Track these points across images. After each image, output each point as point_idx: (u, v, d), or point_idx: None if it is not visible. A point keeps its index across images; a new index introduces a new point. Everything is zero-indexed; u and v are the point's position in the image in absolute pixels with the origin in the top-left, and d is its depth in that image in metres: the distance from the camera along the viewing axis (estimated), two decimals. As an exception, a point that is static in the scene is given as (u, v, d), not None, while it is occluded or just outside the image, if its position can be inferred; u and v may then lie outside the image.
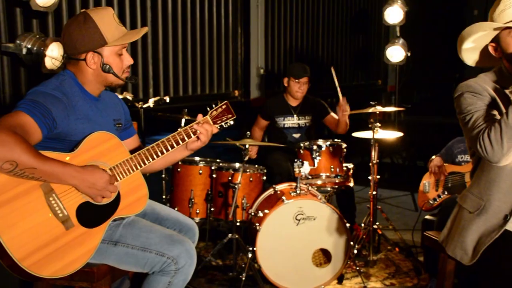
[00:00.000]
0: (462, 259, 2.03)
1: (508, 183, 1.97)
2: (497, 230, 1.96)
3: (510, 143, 1.81)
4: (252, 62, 5.25)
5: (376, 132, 3.91)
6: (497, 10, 1.95)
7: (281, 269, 3.46)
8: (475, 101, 1.95)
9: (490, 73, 2.06)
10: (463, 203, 2.10)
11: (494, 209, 1.99)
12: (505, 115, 1.83)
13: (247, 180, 3.81)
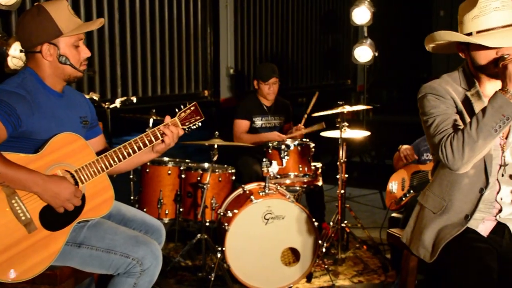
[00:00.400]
0: (425, 257, 2.07)
1: (469, 184, 2.00)
2: (458, 228, 2.00)
3: (471, 153, 1.84)
4: (222, 62, 5.25)
5: (344, 131, 3.96)
6: (470, 14, 1.93)
7: (250, 269, 3.47)
8: (438, 104, 1.97)
9: (453, 73, 2.08)
10: (424, 202, 2.14)
11: (455, 209, 2.03)
12: (468, 125, 1.85)
13: (216, 180, 3.81)
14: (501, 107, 1.80)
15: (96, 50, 4.23)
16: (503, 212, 2.02)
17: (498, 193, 2.01)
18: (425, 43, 2.11)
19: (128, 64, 4.45)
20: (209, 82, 5.21)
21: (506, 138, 2.00)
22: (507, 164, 2.00)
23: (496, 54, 1.90)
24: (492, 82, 1.98)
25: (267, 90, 4.34)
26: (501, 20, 1.89)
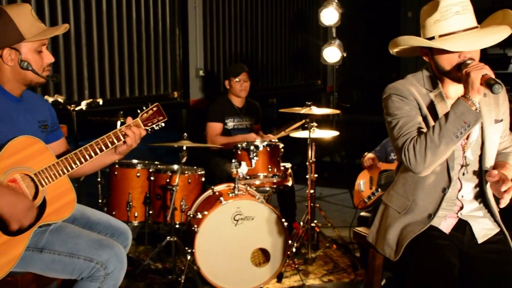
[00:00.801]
0: (390, 255, 2.09)
1: (432, 184, 2.03)
2: (421, 226, 2.03)
3: (433, 158, 1.87)
4: (191, 63, 5.23)
5: (313, 131, 3.98)
6: (431, 18, 1.94)
7: (220, 270, 3.46)
8: (402, 105, 1.99)
9: (417, 74, 2.10)
10: (389, 202, 2.17)
11: (419, 208, 2.05)
12: (431, 131, 1.87)
13: (185, 182, 3.79)
14: (463, 114, 1.82)
15: (62, 51, 4.16)
16: (464, 209, 2.06)
17: (460, 191, 2.05)
18: (389, 48, 2.13)
19: (95, 66, 4.39)
20: (178, 83, 5.18)
21: (467, 139, 2.04)
22: (469, 164, 2.03)
23: (459, 58, 1.92)
24: (455, 84, 2.01)
25: (239, 87, 4.35)
26: (462, 24, 1.91)
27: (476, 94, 1.83)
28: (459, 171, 2.03)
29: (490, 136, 2.03)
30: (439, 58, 1.96)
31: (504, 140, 2.19)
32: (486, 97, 2.03)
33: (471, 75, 1.82)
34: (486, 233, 2.06)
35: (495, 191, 1.98)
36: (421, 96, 2.01)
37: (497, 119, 2.05)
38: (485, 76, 1.81)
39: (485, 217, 2.09)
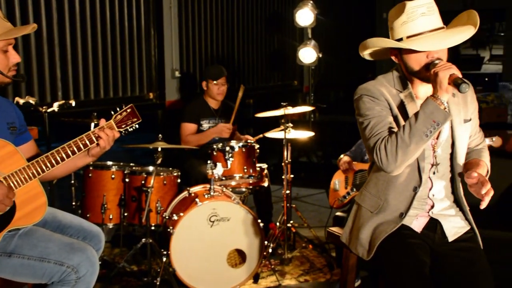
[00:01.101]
0: (362, 255, 2.11)
1: (404, 183, 2.06)
2: (393, 226, 2.06)
3: (404, 157, 1.90)
4: (167, 64, 5.19)
5: (289, 132, 3.99)
6: (399, 20, 1.98)
7: (196, 272, 3.45)
8: (373, 105, 2.02)
9: (388, 75, 2.13)
10: (361, 202, 2.19)
11: (391, 207, 2.08)
12: (401, 130, 1.90)
13: (160, 183, 3.77)
14: (432, 113, 1.85)
15: (34, 52, 4.09)
16: (435, 208, 2.09)
17: (431, 190, 2.08)
18: (360, 51, 2.15)
19: (68, 67, 4.32)
20: (154, 84, 5.13)
21: (437, 138, 2.06)
22: (439, 163, 2.06)
23: (427, 58, 1.95)
24: (424, 84, 2.04)
25: (217, 90, 4.34)
26: (429, 25, 1.94)
27: (444, 93, 1.86)
28: (430, 170, 2.06)
29: (460, 135, 2.06)
30: (408, 59, 1.99)
31: (475, 138, 2.23)
32: (455, 97, 2.07)
33: (439, 75, 1.85)
34: (456, 231, 2.09)
35: (475, 192, 2.00)
36: (391, 97, 2.03)
37: (466, 119, 2.09)
38: (452, 76, 1.85)
39: (456, 215, 2.12)
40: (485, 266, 2.01)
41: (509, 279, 3.33)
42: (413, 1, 1.95)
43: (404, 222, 2.07)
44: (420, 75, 2.00)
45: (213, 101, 4.43)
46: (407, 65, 2.01)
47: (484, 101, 7.42)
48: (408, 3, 1.96)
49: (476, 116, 2.17)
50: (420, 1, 1.95)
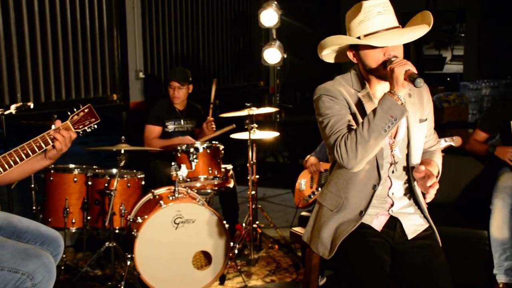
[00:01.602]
0: (323, 254, 2.13)
1: (363, 181, 2.09)
2: (353, 224, 2.08)
3: (364, 153, 1.92)
4: (130, 65, 5.12)
5: (253, 133, 3.99)
6: (356, 20, 2.01)
7: (161, 274, 3.41)
8: (332, 105, 2.04)
9: (346, 75, 2.16)
10: (322, 201, 2.20)
11: (351, 205, 2.10)
12: (360, 126, 1.93)
13: (124, 186, 3.73)
14: (390, 108, 1.88)
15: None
16: (395, 206, 2.12)
17: (390, 189, 2.11)
18: (319, 51, 2.18)
19: (28, 68, 4.21)
20: (117, 85, 5.06)
21: (394, 137, 2.10)
22: (397, 161, 2.10)
23: (384, 56, 1.99)
24: (381, 84, 2.07)
25: (172, 93, 4.32)
26: (385, 23, 1.98)
27: (401, 89, 1.90)
28: (389, 169, 2.09)
29: (416, 134, 2.10)
30: (366, 57, 2.03)
31: (430, 139, 2.28)
32: (411, 97, 2.10)
33: (395, 71, 1.89)
34: (415, 229, 2.12)
35: (421, 186, 2.06)
36: (350, 96, 2.06)
37: (422, 119, 2.13)
38: (408, 71, 1.89)
39: (415, 213, 2.16)
40: (443, 263, 2.05)
41: (466, 274, 3.42)
42: (370, 1, 1.99)
43: (365, 221, 2.10)
44: (377, 73, 2.03)
45: (177, 102, 4.39)
46: (365, 63, 2.05)
47: (446, 101, 7.56)
48: (365, 2, 2.00)
49: (431, 118, 2.22)
50: (376, 0, 1.99)
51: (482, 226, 3.29)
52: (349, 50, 2.10)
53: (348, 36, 2.06)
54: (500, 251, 3.18)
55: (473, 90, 7.97)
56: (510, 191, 3.28)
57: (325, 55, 2.22)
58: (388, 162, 2.08)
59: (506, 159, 3.38)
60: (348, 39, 2.04)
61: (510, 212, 3.21)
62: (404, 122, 2.09)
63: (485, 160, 3.71)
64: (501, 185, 3.35)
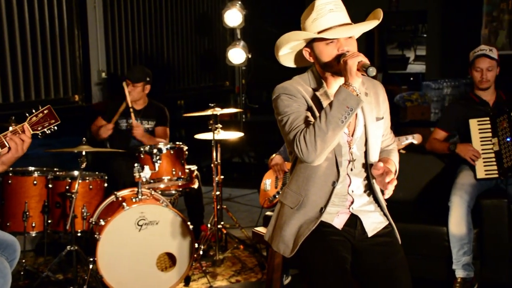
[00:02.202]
0: (284, 252, 2.14)
1: (322, 178, 2.11)
2: (314, 221, 2.10)
3: (323, 145, 1.95)
4: (93, 65, 5.05)
5: (218, 133, 3.98)
6: (310, 18, 2.07)
7: (125, 277, 3.38)
8: (291, 103, 2.07)
9: (303, 75, 2.19)
10: (283, 199, 2.22)
11: (311, 203, 2.12)
12: (318, 119, 1.96)
13: (86, 188, 3.66)
14: (345, 99, 1.93)
15: None
16: (355, 203, 2.15)
17: (350, 186, 2.14)
18: (276, 53, 2.20)
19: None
20: (79, 86, 4.98)
21: (352, 135, 2.13)
22: (355, 159, 2.13)
23: (338, 51, 2.04)
24: (337, 81, 2.11)
25: (128, 91, 4.27)
26: (337, 20, 2.04)
27: (355, 79, 1.95)
28: (347, 167, 2.12)
29: (373, 132, 2.14)
30: (320, 53, 2.07)
31: (386, 138, 2.32)
32: (368, 96, 2.14)
33: (348, 63, 1.94)
34: (375, 226, 2.16)
35: (380, 183, 2.10)
36: (308, 94, 2.10)
37: (378, 117, 2.18)
38: (360, 62, 1.94)
39: (375, 211, 2.19)
40: (402, 260, 2.09)
41: (427, 270, 3.49)
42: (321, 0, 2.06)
43: (326, 219, 2.12)
44: (332, 69, 2.08)
45: (136, 101, 4.34)
46: (320, 60, 2.09)
47: (409, 100, 7.69)
48: (317, 1, 2.06)
49: (387, 117, 2.26)
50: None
51: (441, 223, 3.36)
52: (305, 48, 2.13)
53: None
54: (458, 247, 3.25)
55: (435, 89, 8.12)
56: (467, 188, 3.37)
57: (284, 58, 2.24)
58: (346, 159, 2.11)
59: (467, 157, 3.46)
60: (301, 34, 2.08)
61: (468, 209, 3.29)
62: (362, 120, 2.13)
63: (445, 158, 3.78)
64: (459, 182, 3.43)
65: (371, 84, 2.20)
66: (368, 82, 2.18)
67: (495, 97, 3.60)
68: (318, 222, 2.09)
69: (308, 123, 2.02)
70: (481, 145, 3.45)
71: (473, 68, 3.55)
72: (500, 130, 3.40)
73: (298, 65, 2.29)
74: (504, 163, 3.36)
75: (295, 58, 2.25)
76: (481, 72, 3.51)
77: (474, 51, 3.58)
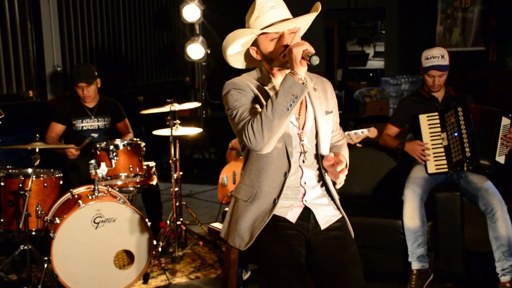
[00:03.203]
0: (239, 245, 2.14)
1: (274, 169, 2.14)
2: (268, 214, 2.12)
3: (269, 133, 1.98)
4: (47, 60, 4.92)
5: (176, 129, 3.95)
6: (252, 17, 2.12)
7: (81, 276, 3.32)
8: (240, 97, 2.11)
9: (253, 72, 2.24)
10: (237, 194, 2.23)
11: (264, 194, 2.15)
12: (265, 108, 2.00)
13: (41, 186, 3.58)
14: (291, 87, 1.96)
15: None
16: (308, 195, 2.17)
17: (302, 178, 2.16)
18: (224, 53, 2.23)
19: None
20: (33, 82, 4.84)
21: (302, 128, 2.16)
22: (306, 151, 2.16)
23: (283, 46, 2.08)
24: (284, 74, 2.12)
25: (81, 94, 4.19)
26: (278, 16, 2.10)
27: (300, 67, 1.98)
28: (299, 159, 2.15)
29: (323, 125, 2.19)
30: (266, 49, 2.12)
31: (336, 134, 2.37)
32: (316, 91, 2.20)
33: (293, 51, 1.98)
34: (328, 219, 2.18)
35: (331, 174, 2.14)
36: (256, 89, 2.14)
37: (328, 111, 2.23)
38: (305, 51, 1.98)
39: (329, 204, 2.22)
40: (354, 253, 2.12)
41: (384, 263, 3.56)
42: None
43: (280, 213, 2.13)
44: (278, 63, 2.12)
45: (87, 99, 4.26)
46: (266, 56, 2.14)
47: (367, 96, 7.82)
48: (257, 0, 2.11)
49: (336, 112, 2.32)
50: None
51: (397, 216, 3.43)
52: (251, 47, 2.18)
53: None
54: (412, 239, 3.32)
55: (394, 85, 8.28)
56: (420, 182, 3.44)
57: (233, 59, 2.27)
58: (298, 151, 2.15)
59: (415, 156, 3.53)
60: (246, 31, 2.11)
61: (421, 202, 3.36)
62: (311, 113, 2.17)
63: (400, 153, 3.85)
64: (412, 176, 3.50)
65: (319, 80, 2.27)
66: (316, 79, 2.25)
67: (444, 93, 3.69)
68: (271, 215, 2.11)
69: (256, 114, 2.04)
70: (431, 140, 3.53)
71: (425, 73, 3.60)
72: (448, 125, 3.49)
73: (247, 66, 2.33)
74: (453, 157, 3.45)
75: (245, 59, 2.29)
76: (433, 78, 3.58)
77: (426, 57, 3.58)
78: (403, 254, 3.41)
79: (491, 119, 3.42)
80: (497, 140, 3.39)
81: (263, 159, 2.12)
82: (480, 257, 3.78)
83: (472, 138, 3.38)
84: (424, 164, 3.52)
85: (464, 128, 3.41)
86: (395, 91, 8.25)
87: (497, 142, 3.39)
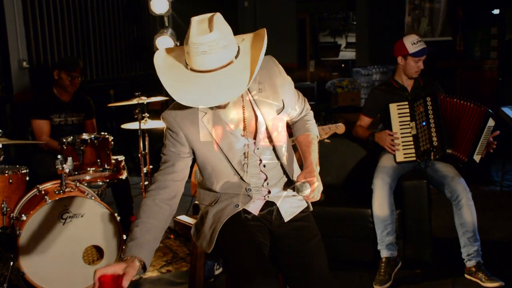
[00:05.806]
0: (205, 248, 2.12)
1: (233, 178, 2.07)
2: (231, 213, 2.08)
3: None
4: (12, 54, 4.81)
5: (145, 122, 3.92)
6: (186, 47, 1.80)
7: (49, 273, 3.28)
8: (169, 145, 2.08)
9: None
10: (201, 201, 2.21)
11: (227, 200, 2.11)
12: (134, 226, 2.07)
13: (5, 182, 3.50)
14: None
15: None
16: (272, 193, 2.14)
17: (265, 181, 2.12)
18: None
19: None
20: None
21: (255, 138, 2.07)
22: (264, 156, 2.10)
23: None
24: None
25: (70, 82, 4.13)
26: (208, 65, 1.79)
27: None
28: (259, 165, 2.10)
29: (275, 128, 2.07)
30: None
31: (296, 109, 2.22)
32: (262, 92, 2.03)
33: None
34: (292, 211, 2.16)
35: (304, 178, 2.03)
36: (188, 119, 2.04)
37: (279, 108, 2.08)
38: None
39: (293, 196, 2.18)
40: (318, 243, 2.10)
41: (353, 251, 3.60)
42: (195, 36, 1.76)
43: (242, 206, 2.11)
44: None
45: (64, 93, 4.20)
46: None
47: (339, 86, 7.86)
48: (190, 36, 1.77)
49: (290, 93, 2.13)
50: (201, 39, 1.75)
51: (366, 205, 3.46)
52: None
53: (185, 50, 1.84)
54: (382, 228, 3.36)
55: (365, 75, 8.34)
56: (389, 170, 3.48)
57: None
58: (256, 160, 2.09)
59: (385, 146, 3.57)
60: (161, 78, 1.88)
61: (390, 190, 3.40)
62: (262, 121, 2.04)
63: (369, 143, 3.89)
64: (381, 165, 3.54)
65: (266, 72, 2.02)
66: (262, 73, 2.00)
67: (413, 82, 3.72)
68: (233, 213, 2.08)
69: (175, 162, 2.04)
70: (400, 129, 3.57)
71: (414, 57, 3.57)
72: (417, 115, 3.53)
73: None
74: (420, 146, 3.49)
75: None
76: (418, 62, 3.60)
77: (412, 42, 3.57)
78: (372, 242, 3.45)
79: (475, 116, 3.40)
80: (479, 139, 3.41)
81: (219, 177, 2.11)
82: (447, 243, 3.85)
83: (439, 127, 3.43)
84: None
85: (432, 117, 3.45)
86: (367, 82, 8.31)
87: (478, 141, 3.41)
